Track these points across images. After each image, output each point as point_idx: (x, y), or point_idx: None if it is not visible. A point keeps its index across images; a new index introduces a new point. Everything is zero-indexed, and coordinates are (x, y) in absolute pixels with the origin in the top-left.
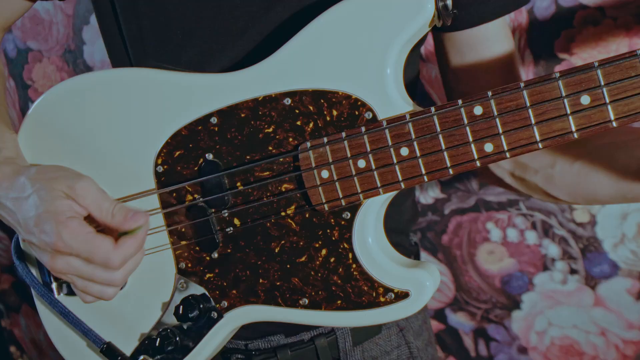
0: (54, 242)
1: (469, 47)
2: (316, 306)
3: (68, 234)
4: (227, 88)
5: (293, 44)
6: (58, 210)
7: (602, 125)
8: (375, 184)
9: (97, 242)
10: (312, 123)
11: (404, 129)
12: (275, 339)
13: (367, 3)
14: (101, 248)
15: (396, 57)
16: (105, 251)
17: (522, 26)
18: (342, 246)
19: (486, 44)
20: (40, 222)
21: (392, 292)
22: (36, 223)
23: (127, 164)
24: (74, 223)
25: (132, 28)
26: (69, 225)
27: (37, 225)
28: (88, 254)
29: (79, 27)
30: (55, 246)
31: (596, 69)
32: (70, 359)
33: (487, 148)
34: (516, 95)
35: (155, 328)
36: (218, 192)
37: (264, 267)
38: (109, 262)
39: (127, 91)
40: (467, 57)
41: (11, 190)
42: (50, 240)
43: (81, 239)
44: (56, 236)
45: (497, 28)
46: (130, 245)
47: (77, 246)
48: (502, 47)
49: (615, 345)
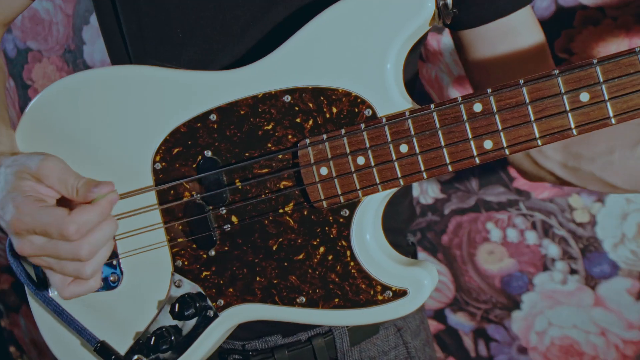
0: (11, 221)
1: (499, 38)
2: (313, 304)
3: (21, 210)
4: (226, 85)
5: (293, 41)
6: (18, 190)
7: (601, 122)
8: (374, 181)
9: (48, 211)
10: (311, 120)
11: (404, 125)
12: (272, 340)
13: (367, 1)
14: (52, 217)
15: (396, 56)
16: (56, 219)
17: None
18: (340, 244)
19: (516, 32)
20: (3, 204)
21: (390, 290)
22: (1, 206)
23: (125, 161)
24: (29, 200)
25: (133, 27)
26: (23, 202)
27: (1, 208)
28: (42, 226)
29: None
30: (13, 225)
31: (595, 66)
32: (63, 359)
33: (487, 145)
34: (516, 92)
35: (151, 326)
36: (216, 189)
37: (261, 265)
38: (63, 230)
39: (126, 88)
40: (498, 48)
41: None
42: (9, 219)
43: (34, 214)
44: (11, 215)
45: (524, 16)
46: (85, 212)
47: (30, 221)
48: (532, 35)
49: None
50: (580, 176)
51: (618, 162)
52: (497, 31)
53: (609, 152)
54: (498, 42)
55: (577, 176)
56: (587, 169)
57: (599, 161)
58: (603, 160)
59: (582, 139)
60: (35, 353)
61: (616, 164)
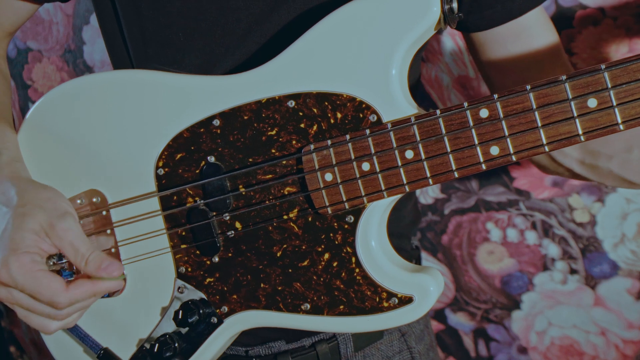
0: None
1: (513, 38)
2: (318, 311)
3: (16, 267)
4: (229, 90)
5: (297, 46)
6: (19, 241)
7: (609, 129)
8: (380, 187)
9: (45, 282)
10: (315, 125)
11: (409, 131)
12: (276, 345)
13: (372, 6)
14: (49, 288)
15: (401, 60)
16: (52, 292)
17: None
18: (345, 250)
19: (529, 32)
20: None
21: (396, 297)
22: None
23: (127, 166)
24: (26, 258)
25: (134, 30)
26: (19, 259)
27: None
28: (33, 291)
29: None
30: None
31: (603, 72)
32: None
33: (493, 151)
34: (522, 98)
35: (154, 333)
36: (219, 195)
37: (266, 271)
38: (54, 303)
39: (128, 93)
40: (512, 48)
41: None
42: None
43: (28, 276)
44: (3, 265)
45: (536, 16)
46: (85, 291)
47: (22, 281)
48: (546, 34)
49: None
50: (599, 173)
51: (636, 160)
52: (510, 32)
53: (627, 150)
54: (512, 43)
55: (595, 173)
56: (605, 166)
57: (617, 159)
58: (621, 158)
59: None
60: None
61: (634, 162)
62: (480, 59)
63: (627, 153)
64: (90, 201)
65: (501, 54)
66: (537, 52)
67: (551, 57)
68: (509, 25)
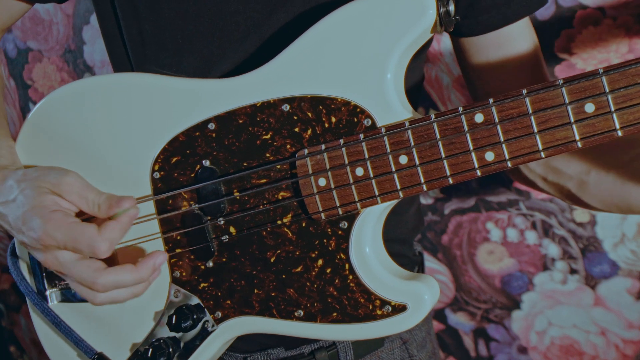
0: (39, 237)
1: (495, 47)
2: (311, 318)
3: (52, 226)
4: (225, 94)
5: (292, 49)
6: (42, 205)
7: (606, 134)
8: (373, 193)
9: (80, 229)
10: (310, 130)
11: (403, 136)
12: (275, 352)
13: (367, 9)
14: (85, 234)
15: (397, 64)
16: (89, 237)
17: None
18: (339, 257)
19: (513, 43)
20: (27, 220)
21: (389, 305)
22: (23, 221)
23: (124, 169)
24: (58, 215)
25: (133, 32)
26: (52, 218)
27: (24, 223)
28: (73, 242)
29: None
30: (42, 240)
31: (601, 76)
32: None
33: (488, 157)
34: (518, 103)
35: (148, 338)
36: (214, 199)
37: (259, 277)
38: (95, 248)
39: (125, 96)
40: (493, 57)
41: (1, 195)
42: (37, 235)
43: (64, 229)
44: (41, 230)
45: (522, 26)
46: (113, 228)
47: (61, 237)
48: (527, 44)
49: (615, 345)
50: (559, 190)
51: (593, 183)
52: (494, 40)
53: (585, 172)
54: (494, 51)
55: (556, 190)
56: (565, 185)
57: (576, 179)
58: (579, 179)
59: (563, 155)
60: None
61: (591, 185)
62: (466, 64)
63: (585, 175)
64: None
65: (482, 61)
66: (515, 61)
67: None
68: (493, 34)
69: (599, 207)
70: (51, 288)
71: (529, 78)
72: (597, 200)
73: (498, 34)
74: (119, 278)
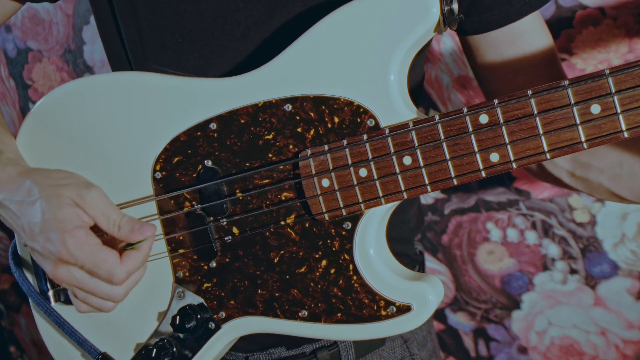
0: (58, 251)
1: (508, 43)
2: (316, 319)
3: (74, 243)
4: (227, 93)
5: (294, 48)
6: (65, 219)
7: (613, 136)
8: (377, 194)
9: (103, 255)
10: (313, 130)
11: (407, 137)
12: (276, 352)
13: (370, 7)
14: (106, 262)
15: (400, 63)
16: (110, 265)
17: None
18: (343, 257)
19: (526, 39)
20: (46, 229)
21: (394, 306)
22: (41, 230)
23: (125, 169)
24: (81, 233)
25: (132, 32)
26: (75, 235)
27: (42, 232)
28: (92, 266)
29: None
30: (60, 255)
31: (607, 77)
32: None
33: (493, 158)
34: (523, 104)
35: (152, 338)
36: (216, 199)
37: (263, 277)
38: (113, 277)
39: (126, 95)
40: (506, 54)
41: (16, 193)
42: (55, 249)
43: (87, 250)
44: (61, 245)
45: (532, 21)
46: (135, 260)
47: (81, 257)
48: (541, 41)
49: (615, 345)
50: (588, 185)
51: (627, 175)
52: (506, 37)
53: (618, 164)
54: (506, 48)
55: (584, 185)
56: (596, 180)
57: (608, 173)
58: (612, 172)
59: (591, 150)
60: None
61: (625, 177)
62: (474, 63)
63: (618, 168)
64: None
65: (495, 59)
66: (530, 58)
67: (545, 64)
68: (505, 30)
69: (633, 200)
70: (54, 288)
71: (545, 75)
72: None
73: (509, 30)
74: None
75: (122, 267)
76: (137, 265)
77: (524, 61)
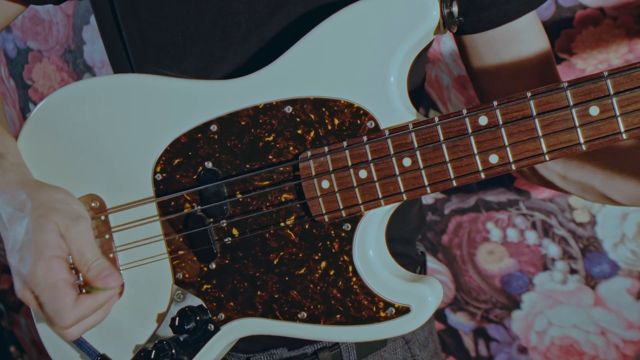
0: (26, 275)
1: (504, 44)
2: (315, 320)
3: (42, 272)
4: (227, 95)
5: (295, 50)
6: (45, 245)
7: (611, 138)
8: (377, 195)
9: (61, 292)
10: (313, 132)
11: (407, 139)
12: (277, 353)
13: (370, 10)
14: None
15: (400, 65)
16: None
17: None
18: (342, 259)
19: (522, 40)
20: (23, 249)
21: (393, 307)
22: (20, 248)
23: (126, 171)
24: (54, 264)
25: (133, 33)
26: (47, 264)
27: (20, 251)
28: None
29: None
30: (25, 279)
31: (606, 79)
32: None
33: (492, 159)
34: (522, 105)
35: (151, 340)
36: (216, 201)
37: (262, 279)
38: (59, 318)
39: (127, 97)
40: (502, 54)
41: (10, 202)
42: (25, 272)
43: (50, 283)
44: (31, 270)
45: (529, 22)
46: (87, 306)
47: (42, 287)
48: (537, 42)
49: (615, 345)
50: (581, 188)
51: (619, 179)
52: (502, 37)
53: (610, 168)
54: (502, 48)
55: (576, 188)
56: (588, 183)
57: (601, 175)
58: (605, 175)
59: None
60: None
61: (617, 181)
62: (469, 62)
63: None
64: (90, 206)
65: (490, 59)
66: (525, 59)
67: (540, 65)
68: (501, 30)
69: (624, 202)
70: None
71: (539, 77)
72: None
73: (506, 30)
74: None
75: (72, 311)
76: (87, 311)
77: (519, 62)
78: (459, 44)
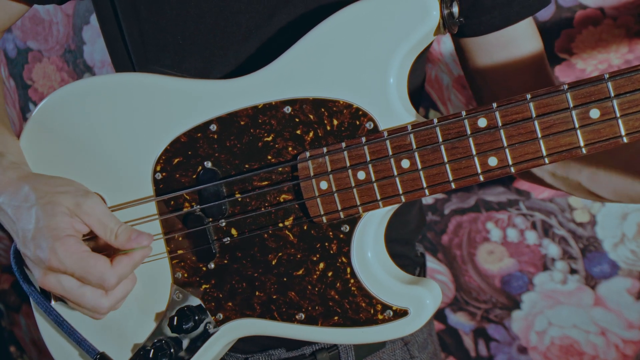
0: (47, 259)
1: (500, 47)
2: (312, 321)
3: (63, 251)
4: (227, 95)
5: (294, 51)
6: (58, 227)
7: (612, 141)
8: (375, 197)
9: (92, 261)
10: (312, 132)
11: (406, 140)
12: (276, 353)
13: (370, 10)
14: (96, 267)
15: (399, 66)
16: (101, 270)
17: None
18: (340, 260)
19: (517, 44)
20: (38, 236)
21: (391, 310)
22: (34, 236)
23: (126, 170)
24: (71, 241)
25: (134, 33)
26: (65, 243)
27: (34, 239)
28: (83, 272)
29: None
30: (49, 262)
31: (606, 81)
32: None
33: (491, 162)
34: (522, 107)
35: (150, 339)
36: (215, 201)
37: (261, 279)
38: (104, 281)
39: (127, 96)
40: (497, 58)
41: (14, 197)
42: (45, 257)
43: (76, 257)
44: (51, 253)
45: (525, 26)
46: (126, 265)
47: (71, 264)
48: (532, 45)
49: (615, 345)
50: (568, 184)
51: (604, 174)
52: (499, 40)
53: (596, 163)
54: (498, 51)
55: (564, 184)
56: (575, 179)
57: (587, 172)
58: (590, 171)
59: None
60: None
61: (602, 177)
62: (466, 65)
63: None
64: None
65: (486, 62)
66: (520, 62)
67: (534, 68)
68: (498, 34)
69: (610, 198)
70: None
71: (534, 80)
72: (609, 191)
73: (502, 34)
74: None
75: (113, 272)
76: (127, 270)
77: (514, 65)
78: (456, 46)
